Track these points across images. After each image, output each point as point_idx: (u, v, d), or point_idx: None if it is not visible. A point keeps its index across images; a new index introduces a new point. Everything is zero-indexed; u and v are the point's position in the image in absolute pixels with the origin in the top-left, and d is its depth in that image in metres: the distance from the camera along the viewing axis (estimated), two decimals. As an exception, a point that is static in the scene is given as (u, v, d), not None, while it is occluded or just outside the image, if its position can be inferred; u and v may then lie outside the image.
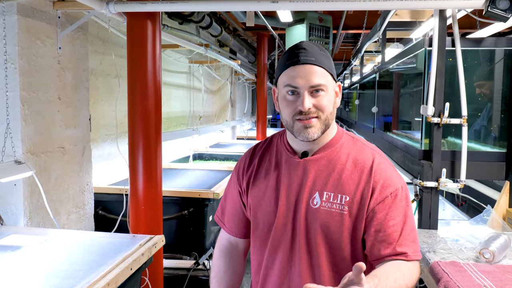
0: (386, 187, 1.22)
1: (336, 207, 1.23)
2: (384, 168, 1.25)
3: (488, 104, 2.65)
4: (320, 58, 1.23)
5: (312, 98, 1.21)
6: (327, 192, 1.24)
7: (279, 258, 1.29)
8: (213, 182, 3.53)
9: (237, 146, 6.50)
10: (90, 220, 2.93)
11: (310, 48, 1.24)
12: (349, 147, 1.30)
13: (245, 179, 1.39)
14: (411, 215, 1.25)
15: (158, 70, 2.52)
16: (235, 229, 1.46)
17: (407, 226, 1.21)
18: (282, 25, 5.80)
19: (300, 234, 1.26)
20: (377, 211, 1.21)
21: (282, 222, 1.28)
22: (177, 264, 2.97)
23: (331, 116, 1.25)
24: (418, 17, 3.75)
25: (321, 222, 1.23)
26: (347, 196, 1.23)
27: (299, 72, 1.21)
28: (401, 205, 1.22)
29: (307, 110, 1.20)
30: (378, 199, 1.21)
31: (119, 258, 1.71)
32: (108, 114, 3.51)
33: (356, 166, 1.25)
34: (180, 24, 4.18)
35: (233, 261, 1.48)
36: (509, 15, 2.03)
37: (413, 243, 1.21)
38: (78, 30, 2.71)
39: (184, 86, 5.46)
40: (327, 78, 1.23)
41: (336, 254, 1.24)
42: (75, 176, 2.73)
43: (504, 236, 1.96)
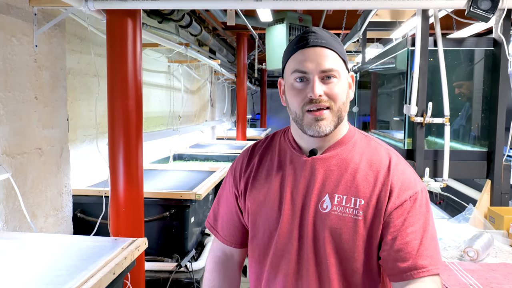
0: (404, 190, 1.09)
1: (350, 212, 1.09)
2: (402, 170, 1.12)
3: (467, 103, 2.69)
4: (331, 42, 1.10)
5: (323, 85, 1.08)
6: (338, 194, 1.10)
7: (282, 270, 1.14)
8: (195, 183, 3.48)
9: (217, 146, 6.45)
10: (69, 223, 2.85)
11: (320, 32, 1.11)
12: (362, 146, 1.16)
13: (243, 180, 1.24)
14: (432, 222, 1.11)
15: (139, 69, 2.47)
16: (229, 238, 1.31)
17: (428, 234, 1.07)
18: (262, 25, 5.80)
19: (307, 243, 1.11)
20: (394, 217, 1.07)
21: (287, 229, 1.13)
22: (159, 266, 2.91)
23: (344, 107, 1.11)
24: (398, 18, 3.78)
25: (331, 229, 1.09)
26: (361, 200, 1.09)
27: (308, 55, 1.08)
28: (421, 211, 1.08)
29: (317, 98, 1.07)
30: (396, 203, 1.08)
31: (101, 262, 1.65)
32: (86, 114, 3.43)
33: (371, 166, 1.12)
34: (160, 23, 4.11)
35: (229, 274, 1.34)
36: (491, 15, 2.05)
37: (434, 254, 1.07)
38: (55, 27, 2.63)
39: (164, 86, 5.39)
40: (340, 64, 1.10)
41: (347, 265, 1.10)
42: (53, 178, 2.65)
43: (487, 234, 1.99)
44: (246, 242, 1.31)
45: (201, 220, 3.49)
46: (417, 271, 1.04)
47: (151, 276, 2.85)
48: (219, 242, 1.34)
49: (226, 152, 5.73)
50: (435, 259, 1.06)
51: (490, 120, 2.42)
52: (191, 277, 2.90)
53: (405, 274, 1.05)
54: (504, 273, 1.75)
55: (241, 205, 1.26)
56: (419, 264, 1.04)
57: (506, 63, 2.27)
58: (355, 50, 6.16)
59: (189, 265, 2.95)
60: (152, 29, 4.01)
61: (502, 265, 1.84)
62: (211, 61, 5.65)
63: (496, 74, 2.34)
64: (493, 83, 2.38)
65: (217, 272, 1.33)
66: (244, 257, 1.37)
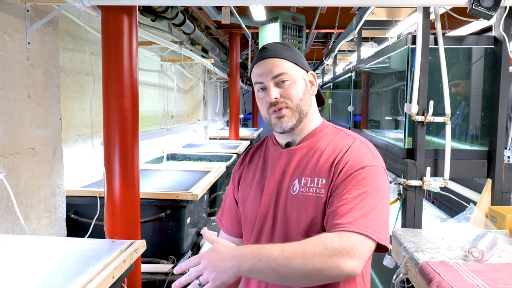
0: (353, 166, 1.17)
1: (313, 191, 1.21)
2: (358, 151, 1.21)
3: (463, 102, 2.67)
4: (280, 52, 1.28)
5: (278, 88, 1.25)
6: (305, 177, 1.24)
7: None
8: (190, 183, 3.43)
9: (210, 146, 6.40)
10: (62, 225, 2.79)
11: (272, 46, 1.30)
12: (332, 136, 1.30)
13: (237, 176, 1.44)
14: (373, 194, 1.14)
15: (135, 67, 2.41)
16: (231, 229, 1.47)
17: (360, 202, 1.11)
18: (255, 24, 5.76)
19: (280, 222, 1.25)
20: (338, 186, 1.17)
21: (264, 212, 1.28)
22: (154, 268, 2.86)
23: (303, 103, 1.27)
24: (394, 16, 3.77)
25: (298, 207, 1.23)
26: (323, 179, 1.21)
27: (261, 68, 1.27)
28: (363, 182, 1.14)
29: (274, 101, 1.24)
30: (343, 177, 1.17)
31: (100, 266, 1.60)
32: (79, 114, 3.36)
33: (334, 150, 1.24)
34: (153, 21, 4.05)
35: None
36: (493, 13, 2.04)
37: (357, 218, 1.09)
38: (48, 24, 2.57)
39: (156, 85, 5.33)
40: (290, 67, 1.27)
41: None
42: (46, 178, 2.59)
43: (491, 234, 1.97)
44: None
45: (197, 221, 3.44)
46: (337, 226, 1.08)
47: (146, 278, 2.80)
48: (223, 233, 1.50)
49: (219, 152, 5.69)
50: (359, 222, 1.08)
51: (490, 118, 2.40)
52: (187, 279, 2.84)
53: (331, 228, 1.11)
54: (510, 274, 1.73)
55: (236, 197, 1.44)
56: (339, 222, 1.09)
57: (507, 61, 2.26)
58: (348, 49, 6.14)
59: (186, 267, 2.90)
60: (145, 27, 3.96)
61: (507, 266, 1.82)
62: (204, 60, 5.60)
63: (496, 72, 2.32)
64: (494, 82, 2.37)
65: None
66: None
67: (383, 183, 1.18)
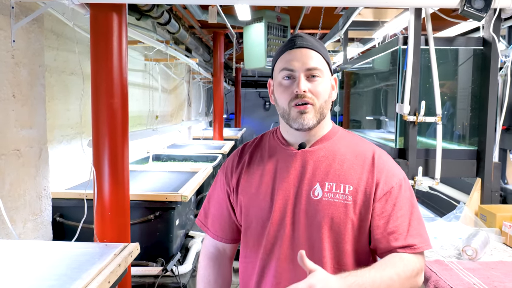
0: (390, 177, 1.20)
1: (340, 197, 1.18)
2: (385, 159, 1.24)
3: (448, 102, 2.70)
4: (317, 46, 1.23)
5: (308, 82, 1.19)
6: (329, 182, 1.19)
7: (275, 255, 1.23)
8: (178, 184, 3.39)
9: (195, 146, 6.35)
10: (48, 228, 2.72)
11: (307, 36, 1.24)
12: (347, 139, 1.28)
13: (235, 177, 1.34)
14: (417, 205, 1.23)
15: (125, 66, 2.37)
16: (220, 233, 1.40)
17: (414, 216, 1.19)
18: (240, 24, 5.74)
19: (300, 229, 1.20)
20: (384, 202, 1.18)
21: (279, 217, 1.22)
22: (144, 271, 2.81)
23: (326, 105, 1.23)
24: (381, 17, 3.79)
25: (324, 214, 1.18)
26: (350, 186, 1.18)
27: (295, 55, 1.20)
28: (406, 195, 1.20)
29: (302, 93, 1.18)
30: (384, 189, 1.18)
31: (95, 270, 1.56)
32: (63, 114, 3.28)
33: (356, 157, 1.23)
34: (138, 19, 3.98)
35: (222, 269, 1.42)
36: (484, 15, 2.06)
37: (422, 233, 1.18)
38: (33, 22, 2.50)
39: (140, 84, 5.25)
40: (324, 65, 1.22)
41: (339, 248, 1.19)
42: (32, 180, 2.51)
43: (483, 232, 1.99)
44: (236, 238, 1.40)
45: (185, 223, 3.40)
46: (408, 248, 1.15)
47: (135, 281, 2.75)
48: (211, 239, 1.42)
49: (204, 152, 5.65)
50: (424, 238, 1.18)
51: (479, 119, 2.43)
52: (177, 281, 2.81)
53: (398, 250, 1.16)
54: (504, 272, 1.75)
55: (233, 200, 1.34)
56: (410, 243, 1.15)
57: (496, 62, 2.29)
58: (333, 50, 6.17)
59: (175, 269, 2.86)
60: (130, 26, 3.89)
61: (500, 263, 1.84)
62: (189, 60, 5.55)
63: (485, 73, 2.35)
64: (483, 82, 2.40)
65: (212, 268, 1.41)
66: (235, 252, 1.45)
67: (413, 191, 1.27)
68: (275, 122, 16.66)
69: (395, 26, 3.59)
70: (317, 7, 5.61)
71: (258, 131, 17.41)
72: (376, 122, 4.35)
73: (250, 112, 17.43)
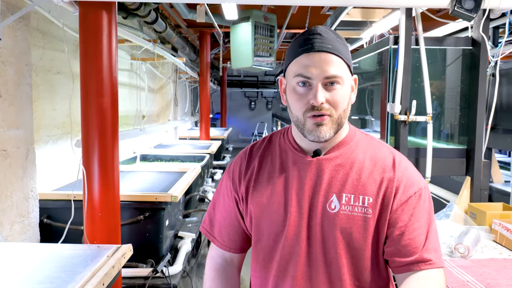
0: (409, 186, 1.11)
1: (359, 210, 1.09)
2: (406, 166, 1.14)
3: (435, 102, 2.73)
4: (337, 46, 1.07)
5: (326, 91, 1.07)
6: (346, 194, 1.10)
7: (290, 273, 1.13)
8: (166, 184, 3.36)
9: (181, 146, 6.31)
10: (35, 230, 2.67)
11: (326, 34, 1.08)
12: (364, 145, 1.17)
13: (244, 184, 1.22)
14: (434, 217, 1.15)
15: (115, 65, 2.33)
16: (228, 243, 1.29)
17: (432, 228, 1.11)
18: (227, 23, 5.72)
19: (316, 244, 1.11)
20: (401, 212, 1.09)
21: (294, 231, 1.12)
22: (133, 273, 2.77)
23: (345, 114, 1.11)
24: (369, 17, 3.82)
25: (342, 228, 1.09)
26: (370, 198, 1.09)
27: (313, 60, 1.06)
28: (425, 206, 1.11)
29: (319, 106, 1.05)
30: (402, 199, 1.10)
31: (88, 272, 1.53)
32: (49, 114, 3.22)
33: (375, 164, 1.13)
34: (124, 18, 3.94)
35: (230, 281, 1.32)
36: (474, 15, 2.09)
37: (438, 248, 1.11)
38: (19, 20, 2.45)
39: (126, 84, 5.20)
40: (344, 69, 1.09)
41: (358, 264, 1.11)
42: (19, 181, 2.46)
43: (474, 230, 2.02)
44: (245, 247, 1.31)
45: (174, 223, 3.38)
46: (424, 263, 1.07)
47: (125, 283, 2.72)
48: (217, 248, 1.32)
49: (191, 152, 5.61)
50: (439, 253, 1.10)
51: (469, 118, 2.46)
52: (168, 282, 2.78)
53: (411, 266, 1.07)
54: (496, 269, 1.77)
55: (242, 209, 1.24)
56: (425, 258, 1.07)
57: (485, 62, 2.32)
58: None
59: (165, 270, 2.83)
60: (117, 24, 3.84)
61: (491, 261, 1.87)
62: (176, 59, 5.51)
63: (475, 72, 2.38)
64: (472, 82, 2.43)
65: (219, 280, 1.31)
66: (243, 261, 1.36)
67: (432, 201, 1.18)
68: (261, 122, 16.67)
69: (383, 26, 3.61)
70: (304, 7, 5.63)
71: (243, 130, 17.40)
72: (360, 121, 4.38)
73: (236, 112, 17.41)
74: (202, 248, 4.43)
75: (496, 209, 2.28)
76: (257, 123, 16.47)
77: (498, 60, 2.33)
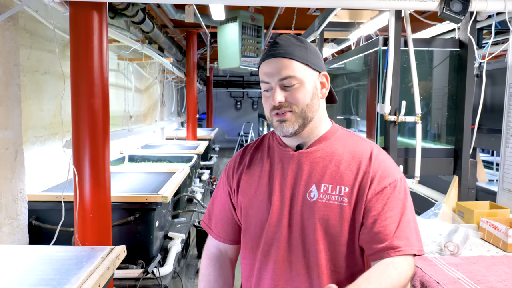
0: (385, 177, 1.18)
1: (335, 199, 1.18)
2: (382, 159, 1.22)
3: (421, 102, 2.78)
4: (292, 50, 1.19)
5: (285, 91, 1.18)
6: (324, 184, 1.19)
7: (272, 257, 1.22)
8: (156, 185, 3.35)
9: (168, 146, 6.29)
10: (24, 232, 2.64)
11: (285, 41, 1.21)
12: (345, 140, 1.26)
13: (235, 178, 1.34)
14: (410, 207, 1.21)
15: (106, 66, 2.32)
16: (223, 235, 1.39)
17: (405, 218, 1.16)
18: (214, 23, 5.72)
19: (296, 231, 1.20)
20: (375, 202, 1.16)
21: (276, 219, 1.22)
22: (124, 274, 2.76)
23: (309, 108, 1.20)
24: (357, 18, 3.86)
25: (319, 216, 1.18)
26: (346, 187, 1.18)
27: (269, 66, 1.19)
28: (399, 197, 1.18)
29: (278, 104, 1.18)
30: (376, 189, 1.17)
31: (83, 274, 1.53)
32: (37, 114, 3.19)
33: (354, 157, 1.21)
34: (112, 18, 3.91)
35: (223, 270, 1.40)
36: (462, 17, 2.13)
37: (410, 236, 1.15)
38: (8, 20, 2.42)
39: (113, 84, 5.16)
40: (300, 69, 1.19)
41: (334, 249, 1.19)
42: (8, 183, 2.43)
43: (462, 228, 2.06)
44: (238, 239, 1.39)
45: (164, 224, 3.37)
46: (392, 250, 1.13)
47: (116, 284, 2.70)
48: (213, 239, 1.42)
49: (179, 152, 5.60)
50: (410, 241, 1.15)
51: (456, 118, 2.51)
52: (159, 283, 2.78)
53: (381, 253, 1.14)
54: (485, 266, 1.81)
55: (234, 201, 1.35)
56: (394, 245, 1.13)
57: (472, 63, 2.37)
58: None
59: (156, 271, 2.82)
60: (105, 24, 3.81)
61: (480, 258, 1.91)
62: (164, 59, 5.49)
63: (462, 74, 2.43)
64: (459, 83, 2.48)
65: (212, 268, 1.40)
66: (237, 255, 1.44)
67: (409, 193, 1.23)
68: (247, 122, 16.67)
69: (370, 28, 3.65)
70: (291, 8, 5.66)
71: (229, 131, 17.39)
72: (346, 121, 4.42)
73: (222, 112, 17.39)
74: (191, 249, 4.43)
75: (483, 207, 2.33)
76: (243, 123, 16.47)
77: (485, 61, 2.38)
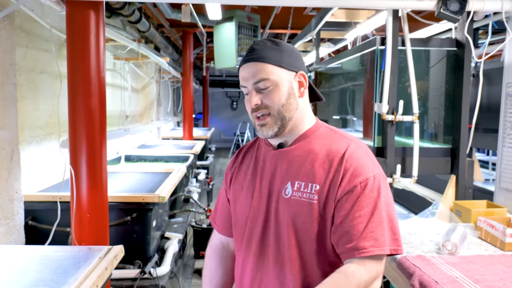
0: (355, 176, 1.17)
1: (306, 196, 1.20)
2: (357, 157, 1.20)
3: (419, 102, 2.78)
4: (265, 54, 1.23)
5: (260, 93, 1.23)
6: (298, 181, 1.22)
7: (252, 251, 1.28)
8: (153, 185, 3.34)
9: (165, 146, 6.27)
10: (21, 232, 2.62)
11: (260, 46, 1.25)
12: (325, 138, 1.27)
13: (229, 175, 1.43)
14: (385, 206, 1.18)
15: (103, 65, 2.31)
16: (223, 228, 1.48)
17: (375, 218, 1.15)
18: (210, 23, 5.70)
19: (271, 226, 1.25)
20: (344, 201, 1.16)
21: (255, 214, 1.28)
22: (121, 274, 2.75)
23: (286, 108, 1.23)
24: (353, 18, 3.86)
25: (291, 212, 1.21)
26: (317, 185, 1.19)
27: (245, 71, 1.25)
28: (371, 196, 1.16)
29: (254, 106, 1.23)
30: (346, 188, 1.17)
31: (81, 274, 1.52)
32: (33, 114, 3.17)
33: (328, 155, 1.22)
34: (108, 17, 3.90)
35: (224, 261, 1.49)
36: (459, 17, 2.14)
37: (380, 236, 1.14)
38: (4, 19, 2.40)
39: (109, 84, 5.14)
40: (274, 71, 1.22)
41: (305, 246, 1.21)
42: (4, 183, 2.42)
43: (460, 227, 2.06)
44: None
45: (161, 224, 3.36)
46: (358, 251, 1.13)
47: (113, 285, 2.69)
48: (217, 232, 1.52)
49: (175, 152, 5.59)
50: (379, 241, 1.14)
51: (453, 118, 2.51)
52: (156, 283, 2.77)
53: (347, 253, 1.15)
54: (483, 265, 1.82)
55: (229, 197, 1.44)
56: (360, 245, 1.13)
57: (469, 63, 2.38)
58: (304, 50, 6.24)
59: (153, 271, 2.82)
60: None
61: (478, 257, 1.91)
62: (160, 59, 5.48)
63: (459, 73, 2.44)
64: (457, 83, 2.48)
65: (214, 258, 1.50)
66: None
67: (387, 191, 1.21)
68: (243, 122, 16.66)
69: (367, 27, 3.66)
70: (287, 8, 5.66)
71: (226, 130, 17.38)
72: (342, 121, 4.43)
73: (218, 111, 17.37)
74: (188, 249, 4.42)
75: (481, 206, 2.34)
76: (239, 123, 16.46)
77: (481, 61, 2.39)
